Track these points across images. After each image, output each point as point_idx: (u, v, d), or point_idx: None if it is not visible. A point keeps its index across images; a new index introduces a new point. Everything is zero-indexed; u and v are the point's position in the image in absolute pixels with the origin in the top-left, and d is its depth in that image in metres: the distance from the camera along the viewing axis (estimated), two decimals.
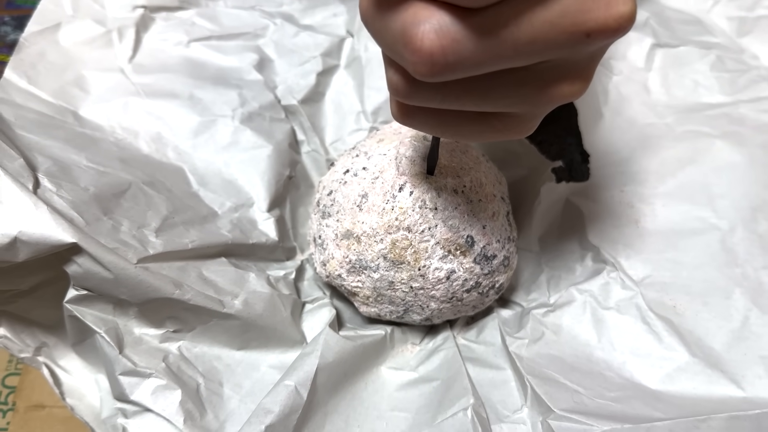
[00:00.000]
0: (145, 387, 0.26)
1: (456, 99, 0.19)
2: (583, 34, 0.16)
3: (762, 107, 0.36)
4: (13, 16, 0.47)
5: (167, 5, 0.38)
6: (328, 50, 0.39)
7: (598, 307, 0.30)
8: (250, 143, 0.35)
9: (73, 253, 0.25)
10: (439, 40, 0.16)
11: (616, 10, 0.16)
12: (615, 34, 0.17)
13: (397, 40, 0.17)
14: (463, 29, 0.16)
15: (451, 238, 0.28)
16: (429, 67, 0.17)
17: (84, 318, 0.26)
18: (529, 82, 0.18)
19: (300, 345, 0.30)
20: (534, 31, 0.16)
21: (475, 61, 0.17)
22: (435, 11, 0.16)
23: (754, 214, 0.32)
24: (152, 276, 0.26)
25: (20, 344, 0.27)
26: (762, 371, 0.28)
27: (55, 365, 0.27)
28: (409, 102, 0.19)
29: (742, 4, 0.41)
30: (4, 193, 0.24)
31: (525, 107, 0.19)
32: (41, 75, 0.33)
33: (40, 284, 0.27)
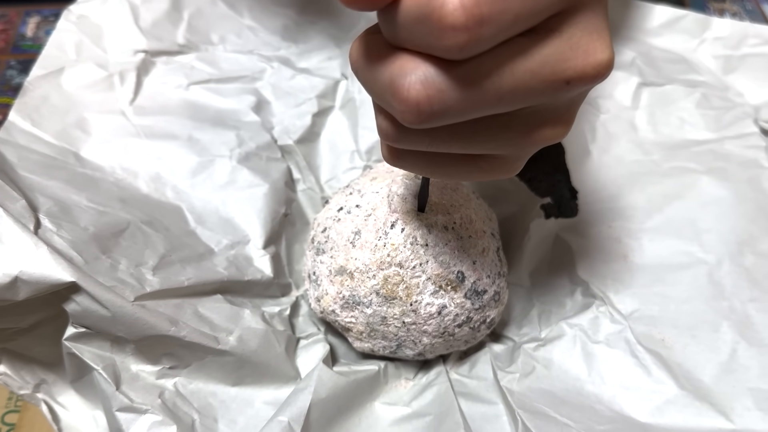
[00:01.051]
0: (141, 423, 0.27)
1: (443, 143, 0.20)
2: (563, 82, 0.18)
3: (747, 143, 0.37)
4: (18, 60, 0.49)
5: (168, 50, 0.41)
6: (323, 92, 0.41)
7: (587, 341, 0.31)
8: (247, 182, 0.36)
9: (72, 292, 0.26)
10: (425, 91, 0.17)
11: (594, 59, 0.18)
12: (594, 81, 0.18)
13: (385, 90, 0.18)
14: (447, 79, 0.17)
15: (442, 274, 0.29)
16: (416, 115, 0.18)
17: (82, 355, 0.27)
18: (513, 127, 0.19)
19: (294, 381, 0.31)
20: (515, 80, 0.17)
21: (459, 109, 0.18)
22: (420, 63, 0.17)
23: (741, 248, 0.33)
24: (149, 313, 0.27)
25: (20, 381, 0.28)
26: (750, 403, 0.29)
27: (54, 402, 0.29)
28: (398, 146, 0.21)
29: (727, 43, 0.43)
30: (6, 234, 0.26)
31: (510, 150, 0.20)
32: (44, 117, 0.35)
33: (39, 322, 0.28)
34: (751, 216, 0.34)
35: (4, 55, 0.50)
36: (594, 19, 0.18)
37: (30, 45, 0.50)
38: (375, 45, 0.19)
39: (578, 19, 0.18)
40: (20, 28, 0.52)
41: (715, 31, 0.44)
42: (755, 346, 0.30)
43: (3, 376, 0.28)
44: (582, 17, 0.18)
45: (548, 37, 0.17)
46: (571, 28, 0.17)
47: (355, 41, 0.20)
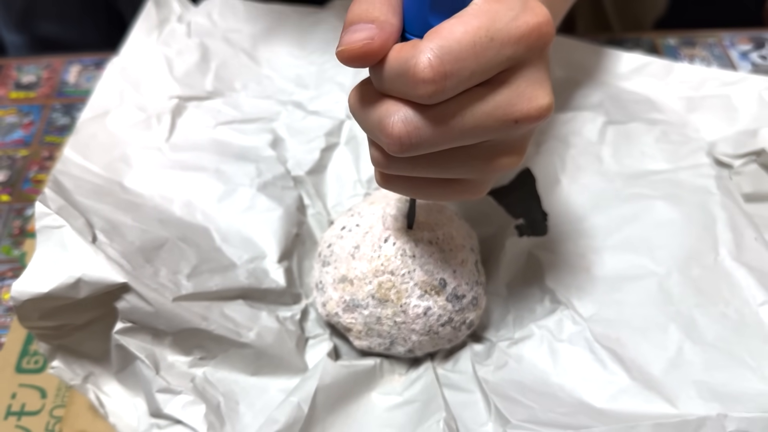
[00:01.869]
0: (176, 402, 0.33)
1: (422, 168, 0.25)
2: (512, 122, 0.23)
3: (698, 172, 0.43)
4: (62, 104, 0.57)
5: (198, 95, 0.48)
6: (330, 131, 0.48)
7: (553, 340, 0.36)
8: (265, 207, 0.42)
9: (123, 291, 0.33)
10: (405, 127, 0.23)
11: (536, 103, 0.23)
12: (537, 121, 0.23)
13: (375, 127, 0.24)
14: (421, 119, 0.23)
15: (427, 280, 0.35)
16: (398, 146, 0.23)
17: (128, 346, 0.33)
18: (477, 156, 0.25)
19: (303, 373, 0.37)
20: (474, 120, 0.23)
21: (431, 142, 0.23)
22: (401, 106, 0.23)
23: (688, 262, 0.38)
24: (185, 310, 0.34)
25: (71, 373, 0.35)
26: (694, 393, 0.33)
27: (100, 391, 0.35)
28: (387, 171, 0.27)
29: (690, 86, 0.50)
30: (70, 244, 0.32)
31: (476, 174, 0.26)
32: (93, 152, 0.42)
33: (92, 320, 0.34)
34: (699, 235, 0.40)
35: (50, 99, 0.57)
36: (536, 72, 0.23)
37: (72, 90, 0.58)
38: (367, 92, 0.24)
39: (523, 73, 0.23)
40: (63, 75, 0.59)
41: (678, 75, 0.50)
42: (699, 345, 0.35)
43: (57, 369, 0.35)
44: (526, 72, 0.23)
45: (499, 86, 0.23)
46: (517, 80, 0.23)
47: (353, 90, 0.26)
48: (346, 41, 0.22)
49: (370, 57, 0.22)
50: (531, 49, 0.22)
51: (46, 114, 0.56)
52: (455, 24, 0.21)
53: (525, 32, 0.22)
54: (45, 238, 0.33)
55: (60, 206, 0.34)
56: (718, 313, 0.36)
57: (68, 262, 0.32)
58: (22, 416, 0.39)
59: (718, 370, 0.34)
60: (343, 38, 0.23)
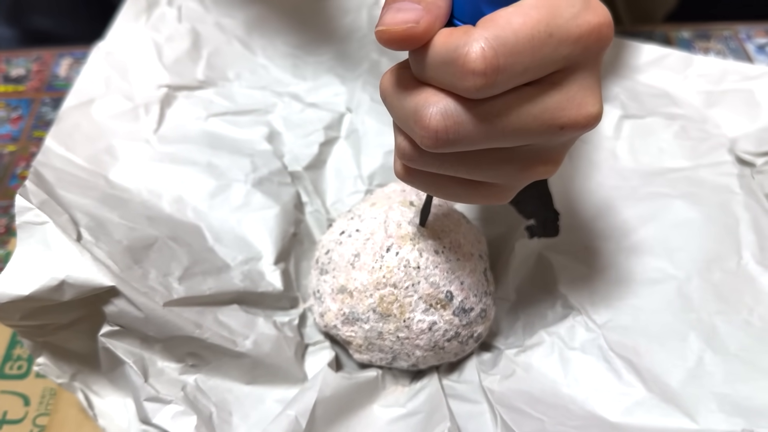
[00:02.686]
0: (165, 412, 0.31)
1: (451, 167, 0.24)
2: (558, 128, 0.22)
3: (720, 171, 0.42)
4: (52, 98, 0.56)
5: (188, 85, 0.46)
6: (329, 124, 0.47)
7: (564, 348, 0.35)
8: (260, 204, 0.41)
9: (111, 295, 0.31)
10: (444, 121, 0.21)
11: (586, 111, 0.22)
12: (584, 129, 0.22)
13: (409, 116, 0.22)
14: (463, 114, 0.21)
15: (433, 294, 0.34)
16: (434, 141, 0.22)
17: (115, 350, 0.32)
18: (512, 161, 0.24)
19: (302, 383, 0.36)
20: (519, 121, 0.21)
21: (470, 140, 0.22)
22: (443, 97, 0.21)
23: (709, 265, 0.37)
24: (176, 317, 0.32)
25: (58, 371, 0.33)
26: (714, 406, 0.32)
27: (89, 390, 0.34)
28: (413, 165, 0.25)
29: (709, 79, 0.49)
30: (54, 242, 0.31)
31: (506, 180, 0.25)
32: (77, 143, 0.40)
33: (78, 319, 0.33)
34: (720, 237, 0.39)
35: (40, 93, 0.56)
36: (589, 78, 0.22)
37: (63, 84, 0.57)
38: (404, 77, 0.23)
39: (576, 77, 0.22)
40: (54, 68, 0.58)
41: (697, 68, 0.49)
42: (720, 355, 0.34)
43: (44, 366, 0.33)
44: (579, 75, 0.22)
45: (550, 89, 0.21)
46: (569, 84, 0.21)
47: (387, 72, 0.24)
48: (388, 21, 0.21)
49: (414, 41, 0.21)
50: (588, 51, 0.21)
51: (36, 108, 0.55)
52: (513, 14, 0.20)
53: (585, 32, 0.21)
54: (26, 235, 0.31)
55: (42, 201, 0.33)
56: (741, 320, 0.35)
57: (51, 262, 0.30)
58: (4, 425, 0.38)
59: (740, 383, 0.33)
60: (385, 17, 0.21)
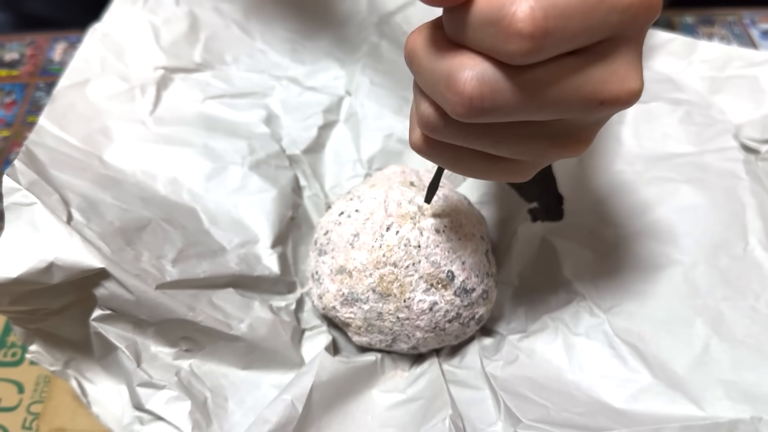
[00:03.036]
0: (158, 398, 0.31)
1: (477, 140, 0.22)
2: (597, 102, 0.20)
3: (726, 156, 0.41)
4: (46, 83, 0.55)
5: (185, 67, 0.46)
6: (328, 107, 0.46)
7: (568, 333, 0.35)
8: (257, 187, 0.41)
9: (101, 278, 0.30)
10: (480, 87, 0.20)
11: (628, 86, 0.20)
12: (624, 106, 0.21)
13: (440, 81, 0.21)
14: (501, 81, 0.20)
15: (433, 273, 0.33)
16: (467, 109, 0.20)
17: (107, 335, 0.31)
18: (542, 136, 0.22)
19: (299, 367, 0.35)
20: (560, 93, 0.20)
21: (506, 110, 0.20)
22: (480, 61, 0.20)
23: (716, 251, 0.37)
24: (169, 299, 0.32)
25: (51, 359, 0.33)
26: (721, 393, 0.32)
27: (82, 377, 0.33)
28: (436, 136, 0.23)
29: (713, 65, 0.48)
30: (42, 223, 0.30)
31: (532, 156, 0.23)
32: (71, 123, 0.39)
33: (69, 304, 0.32)
34: (727, 222, 0.38)
35: (34, 78, 0.55)
36: (633, 52, 0.21)
37: (58, 69, 0.56)
38: (437, 38, 0.21)
39: (621, 50, 0.20)
40: (48, 53, 0.57)
41: (701, 54, 0.48)
42: (727, 341, 0.33)
43: (36, 354, 0.33)
44: (624, 48, 0.20)
45: (595, 60, 0.20)
46: (614, 56, 0.20)
47: (415, 32, 0.22)
48: None
49: None
50: (636, 21, 0.20)
51: (30, 93, 0.55)
52: None
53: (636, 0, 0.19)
54: (14, 216, 0.30)
55: (32, 181, 0.32)
56: (748, 306, 0.35)
57: (40, 244, 0.30)
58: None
59: (747, 369, 0.32)
60: None
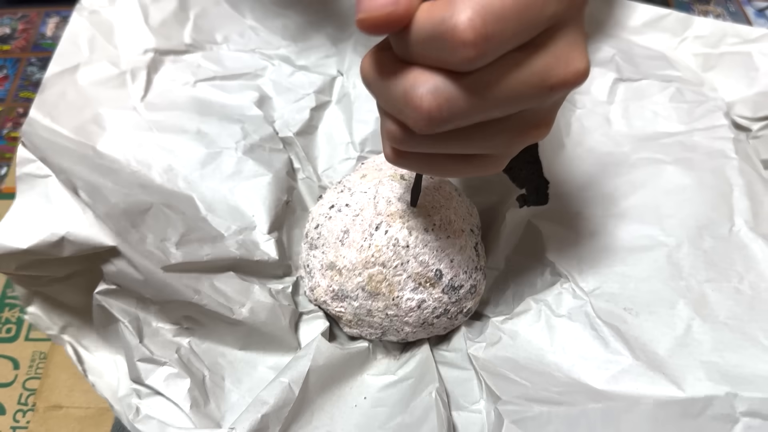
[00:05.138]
0: (158, 374, 0.33)
1: (444, 145, 0.24)
2: (548, 89, 0.22)
3: (715, 134, 0.42)
4: (38, 58, 0.56)
5: (175, 49, 0.46)
6: (320, 88, 0.47)
7: (551, 315, 0.36)
8: (252, 172, 0.41)
9: (111, 255, 0.32)
10: (436, 100, 0.21)
11: (573, 67, 0.22)
12: (573, 86, 0.22)
13: (398, 101, 0.22)
14: (454, 89, 0.21)
15: (422, 272, 0.35)
16: (427, 122, 0.21)
17: (111, 308, 0.33)
18: (504, 130, 0.23)
19: (295, 351, 0.37)
20: (511, 88, 0.21)
21: (465, 115, 0.21)
22: (431, 76, 0.21)
23: (700, 232, 0.38)
24: (175, 281, 0.33)
25: (48, 322, 0.34)
26: (702, 374, 0.32)
27: (79, 344, 0.34)
28: (405, 149, 0.25)
29: (707, 42, 0.48)
30: (56, 196, 0.31)
31: (500, 149, 0.25)
32: (62, 114, 0.40)
33: (74, 273, 0.33)
34: (713, 203, 0.39)
35: (26, 52, 0.56)
36: (573, 34, 0.22)
37: (50, 44, 0.57)
38: (386, 61, 0.23)
39: (560, 35, 0.21)
40: (40, 27, 0.58)
41: (696, 29, 0.49)
42: (709, 323, 0.34)
43: (33, 316, 0.34)
44: (563, 33, 0.22)
45: (537, 50, 0.21)
46: (555, 43, 0.21)
47: (366, 57, 0.24)
48: (367, 7, 0.20)
49: (397, 23, 0.21)
50: (572, 6, 0.21)
51: (22, 68, 0.55)
52: None
53: None
54: (27, 187, 0.31)
55: (43, 156, 0.33)
56: (731, 288, 0.36)
57: (52, 216, 0.31)
58: None
59: (729, 351, 0.33)
60: (363, 3, 0.21)
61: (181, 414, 0.32)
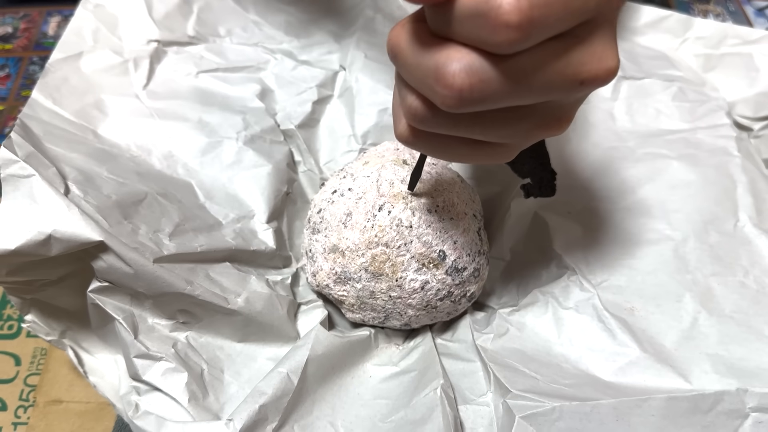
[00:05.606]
0: (155, 369, 0.32)
1: (465, 128, 0.23)
2: (578, 82, 0.21)
3: (718, 133, 0.43)
4: (40, 57, 0.55)
5: (178, 40, 0.46)
6: (323, 82, 0.47)
7: (558, 307, 0.36)
8: (252, 162, 0.41)
9: (100, 250, 0.31)
10: (469, 79, 0.20)
11: (606, 64, 0.21)
12: (602, 83, 0.22)
13: (428, 75, 0.21)
14: (489, 70, 0.20)
15: (425, 253, 0.34)
16: (457, 100, 0.21)
17: (105, 306, 0.32)
18: (527, 119, 0.23)
19: (294, 341, 0.36)
20: (545, 77, 0.21)
21: (495, 98, 0.21)
22: (466, 53, 0.21)
23: (706, 227, 0.38)
24: (167, 273, 0.32)
25: (47, 328, 0.34)
26: (708, 367, 0.33)
27: (79, 347, 0.34)
28: (424, 127, 0.24)
29: (708, 43, 0.49)
30: (40, 195, 0.31)
31: (518, 139, 0.24)
32: (64, 97, 0.40)
33: (67, 275, 0.33)
34: (717, 198, 0.39)
35: (27, 51, 0.56)
36: (609, 31, 0.22)
37: (51, 43, 0.56)
38: (420, 33, 0.22)
39: (598, 31, 0.21)
40: (42, 27, 0.58)
41: (697, 30, 0.49)
42: (715, 316, 0.34)
43: (32, 324, 0.34)
44: (601, 29, 0.21)
45: (575, 43, 0.21)
46: (592, 37, 0.21)
47: (397, 27, 0.23)
48: None
49: None
50: (610, 3, 0.21)
51: (24, 67, 0.55)
52: None
53: None
54: (12, 188, 0.31)
55: (28, 153, 0.33)
56: (737, 282, 0.36)
57: (38, 216, 0.30)
58: None
59: (735, 344, 0.33)
60: None
61: (179, 408, 0.31)
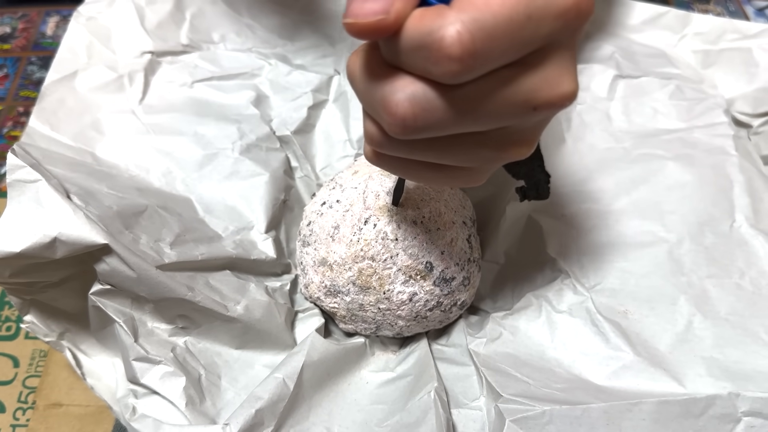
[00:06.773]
0: (154, 372, 0.33)
1: (420, 152, 0.24)
2: (531, 108, 0.21)
3: (715, 132, 0.43)
4: (39, 57, 0.56)
5: (172, 50, 0.47)
6: (318, 87, 0.47)
7: (552, 311, 0.36)
8: (249, 172, 0.42)
9: (104, 254, 0.32)
10: (412, 108, 0.21)
11: (560, 90, 0.21)
12: (558, 109, 0.22)
13: (376, 102, 0.22)
14: (434, 99, 0.21)
15: (412, 265, 0.35)
16: (401, 128, 0.21)
17: (106, 308, 0.33)
18: (484, 144, 0.23)
19: (291, 349, 0.37)
20: (493, 106, 0.21)
21: (440, 126, 0.21)
22: (410, 83, 0.21)
23: (701, 228, 0.38)
24: (169, 278, 0.33)
25: (46, 329, 0.34)
26: (703, 370, 0.33)
27: (77, 349, 0.35)
28: (382, 151, 0.25)
29: (706, 38, 0.49)
30: (46, 199, 0.31)
31: (479, 163, 0.24)
32: (62, 121, 0.40)
33: (68, 277, 0.34)
34: (714, 199, 0.39)
35: (26, 51, 0.56)
36: (565, 56, 0.21)
37: (50, 43, 0.57)
38: (372, 61, 0.22)
39: (552, 57, 0.21)
40: (41, 27, 0.58)
41: (695, 26, 0.49)
42: (710, 319, 0.34)
43: (30, 325, 0.34)
44: (555, 55, 0.21)
45: (526, 70, 0.21)
46: (545, 64, 0.21)
47: (354, 54, 0.23)
48: (356, 12, 0.20)
49: (385, 30, 0.20)
50: (567, 28, 0.21)
51: (22, 67, 0.56)
52: None
53: (564, 9, 0.20)
54: (18, 192, 0.32)
55: (33, 162, 0.33)
56: (732, 284, 0.36)
57: (43, 219, 0.31)
58: None
59: (730, 347, 0.33)
60: (352, 6, 0.20)
61: (176, 412, 0.32)
